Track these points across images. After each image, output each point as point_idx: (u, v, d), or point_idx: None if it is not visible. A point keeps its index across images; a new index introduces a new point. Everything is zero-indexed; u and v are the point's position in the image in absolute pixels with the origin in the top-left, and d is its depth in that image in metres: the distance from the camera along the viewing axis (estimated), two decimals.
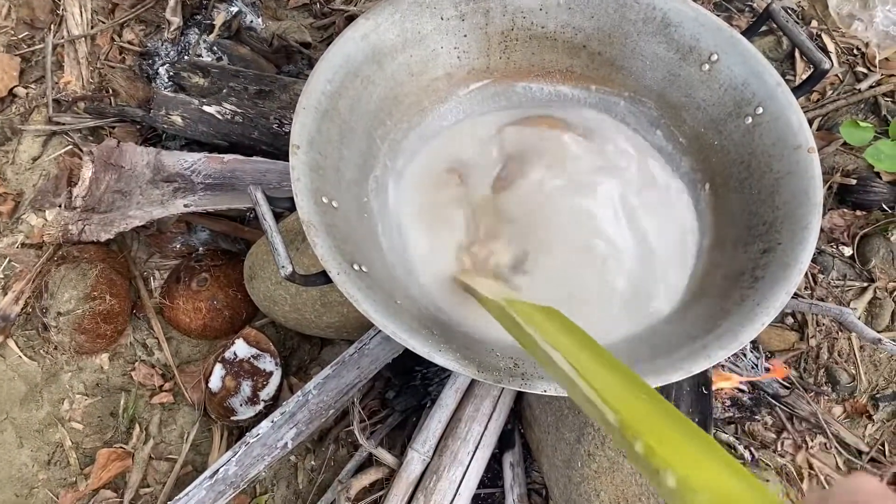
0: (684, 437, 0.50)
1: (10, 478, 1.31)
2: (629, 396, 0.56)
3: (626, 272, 1.05)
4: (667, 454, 0.47)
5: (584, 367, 0.61)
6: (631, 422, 0.52)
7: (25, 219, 1.51)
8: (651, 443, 0.48)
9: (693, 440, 0.50)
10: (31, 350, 1.40)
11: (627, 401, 0.55)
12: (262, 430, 1.16)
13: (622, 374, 0.61)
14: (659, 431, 0.50)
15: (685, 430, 0.51)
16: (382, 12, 1.09)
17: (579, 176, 1.13)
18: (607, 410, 0.55)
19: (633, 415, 0.53)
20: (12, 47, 1.68)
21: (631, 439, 0.50)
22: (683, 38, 1.12)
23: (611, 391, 0.57)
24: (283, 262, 0.87)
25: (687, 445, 0.49)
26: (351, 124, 1.08)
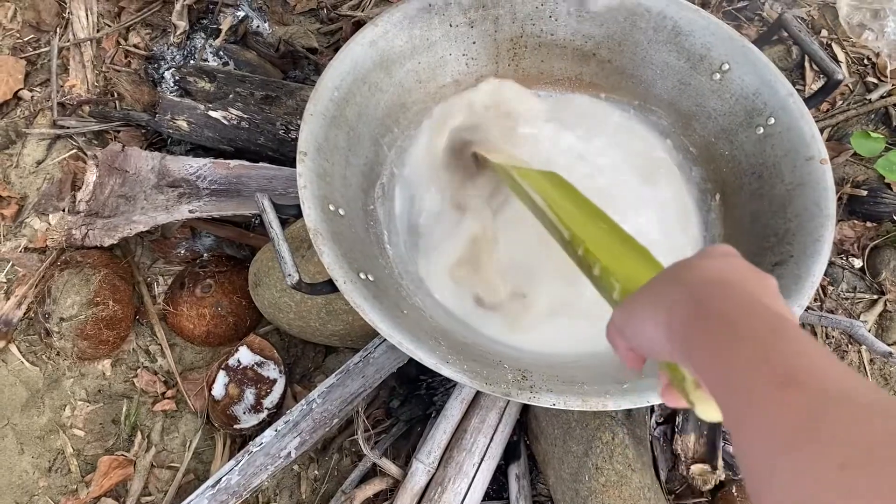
0: (612, 240, 0.70)
1: (10, 485, 1.29)
2: (586, 222, 0.76)
3: None
4: (596, 252, 0.68)
5: (556, 204, 0.82)
6: (578, 236, 0.73)
7: (29, 223, 1.50)
8: (588, 246, 0.70)
9: (619, 243, 0.69)
10: (32, 355, 1.39)
11: (582, 224, 0.75)
12: (266, 438, 1.15)
13: (588, 211, 0.80)
14: (594, 239, 0.71)
15: (618, 241, 0.70)
16: (391, 18, 1.08)
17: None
18: (564, 229, 0.76)
19: (579, 230, 0.74)
20: (18, 50, 1.68)
21: (576, 246, 0.72)
22: (694, 47, 1.11)
23: (570, 218, 0.77)
24: (290, 270, 0.86)
25: (611, 245, 0.69)
26: (358, 131, 1.07)
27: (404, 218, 1.14)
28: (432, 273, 1.08)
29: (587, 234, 0.72)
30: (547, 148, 1.16)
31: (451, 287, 1.06)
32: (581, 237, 0.72)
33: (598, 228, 0.74)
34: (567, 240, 0.75)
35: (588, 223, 0.75)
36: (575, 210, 0.80)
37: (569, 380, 0.86)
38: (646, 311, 0.48)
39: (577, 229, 0.74)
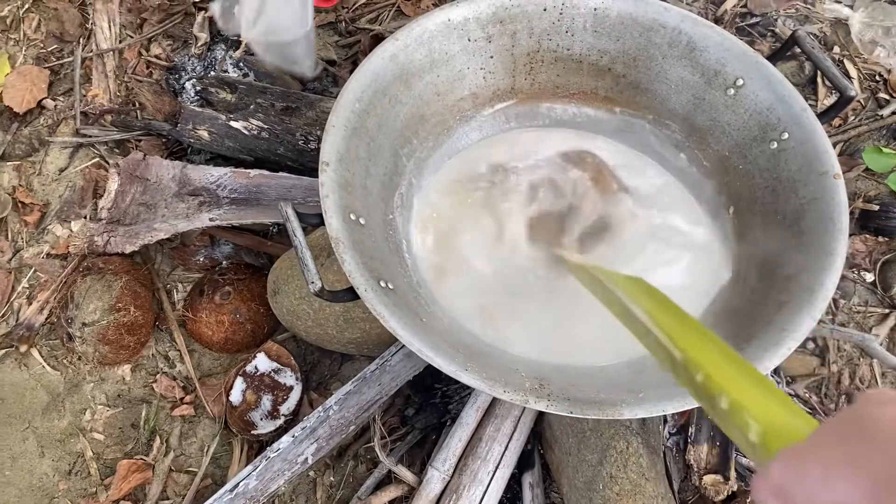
0: (739, 372, 0.58)
1: (30, 487, 1.32)
2: (696, 341, 0.64)
3: None
4: (722, 382, 0.55)
5: (659, 318, 0.71)
6: (695, 359, 0.60)
7: (51, 229, 1.53)
8: (709, 373, 0.57)
9: (747, 375, 0.57)
10: (53, 360, 1.41)
11: (694, 344, 0.63)
12: (283, 444, 1.17)
13: (692, 326, 0.69)
14: (716, 366, 0.58)
15: (741, 369, 0.59)
16: (411, 33, 1.10)
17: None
18: (675, 350, 0.64)
19: (697, 354, 0.61)
20: (42, 60, 1.71)
21: (693, 371, 0.59)
22: (709, 62, 1.12)
23: (680, 336, 0.65)
24: (313, 277, 0.88)
25: (739, 377, 0.57)
26: (378, 142, 1.09)
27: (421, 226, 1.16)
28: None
29: (705, 357, 0.61)
30: None
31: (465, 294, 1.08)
32: (699, 361, 0.60)
33: (712, 350, 0.63)
34: (679, 361, 0.63)
35: (699, 343, 0.64)
36: (679, 326, 0.69)
37: (586, 388, 0.87)
38: (830, 471, 0.41)
39: (693, 351, 0.62)
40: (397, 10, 1.77)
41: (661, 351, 0.67)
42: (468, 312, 1.06)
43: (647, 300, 0.77)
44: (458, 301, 1.07)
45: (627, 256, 1.11)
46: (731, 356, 0.61)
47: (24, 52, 1.72)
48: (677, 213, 1.17)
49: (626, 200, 1.17)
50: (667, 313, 0.73)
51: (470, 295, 1.08)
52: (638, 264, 1.10)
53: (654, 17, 1.13)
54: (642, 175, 1.21)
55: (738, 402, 0.53)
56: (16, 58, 1.71)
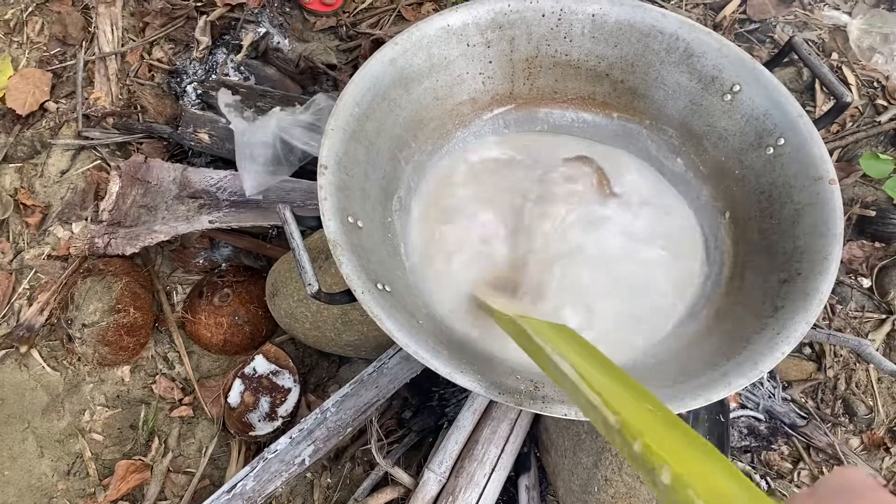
0: (681, 440, 0.53)
1: (29, 487, 1.32)
2: (631, 402, 0.59)
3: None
4: (663, 452, 0.49)
5: (589, 374, 0.64)
6: (631, 423, 0.54)
7: (52, 231, 1.54)
8: (648, 442, 0.51)
9: (690, 443, 0.52)
10: (53, 360, 1.42)
11: (628, 405, 0.58)
12: (281, 446, 1.17)
13: (625, 384, 0.64)
14: (656, 433, 0.53)
15: (683, 435, 0.54)
16: (411, 38, 1.11)
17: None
18: (609, 413, 0.57)
19: (633, 418, 0.55)
20: (45, 63, 1.72)
21: (630, 439, 0.53)
22: (706, 68, 1.13)
23: (613, 397, 0.59)
24: (311, 280, 0.88)
25: (682, 447, 0.51)
26: (377, 146, 1.09)
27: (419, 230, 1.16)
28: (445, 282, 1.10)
29: (642, 422, 0.55)
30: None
31: (462, 296, 1.09)
32: (635, 427, 0.54)
33: (650, 414, 0.58)
34: (613, 426, 0.57)
35: (635, 405, 0.59)
36: (611, 384, 0.63)
37: None
38: None
39: (627, 414, 0.56)
40: (398, 14, 1.77)
41: (593, 412, 0.60)
42: (456, 310, 1.07)
43: (573, 353, 0.70)
44: (444, 297, 1.08)
45: (611, 258, 1.11)
46: (674, 421, 0.56)
47: (28, 54, 1.73)
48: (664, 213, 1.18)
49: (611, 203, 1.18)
50: (597, 368, 0.67)
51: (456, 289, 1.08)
52: (622, 267, 1.11)
53: (651, 24, 1.14)
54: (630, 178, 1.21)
55: (682, 478, 0.47)
56: (19, 60, 1.72)
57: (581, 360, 0.68)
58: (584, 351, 0.72)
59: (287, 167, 1.35)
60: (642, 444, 0.51)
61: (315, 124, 1.34)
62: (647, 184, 1.20)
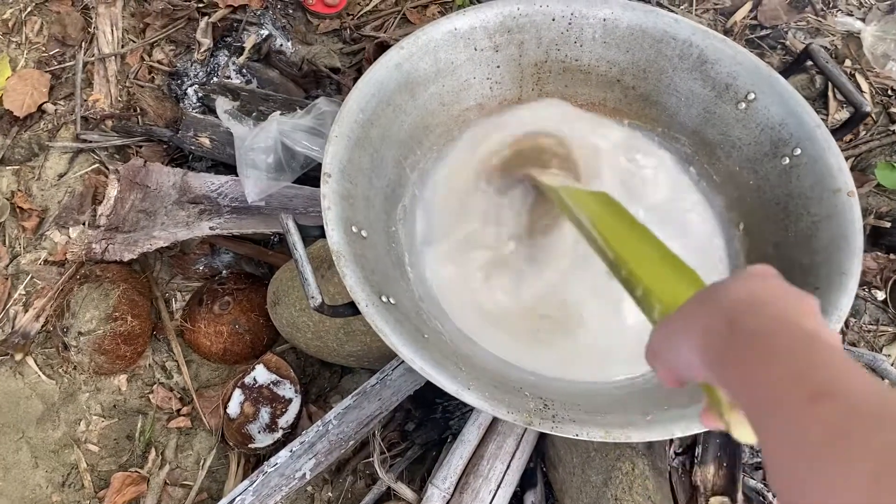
0: (658, 264, 0.69)
1: (23, 499, 1.29)
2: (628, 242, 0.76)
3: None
4: (640, 274, 0.67)
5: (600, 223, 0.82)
6: (621, 256, 0.73)
7: (49, 235, 1.51)
8: (632, 268, 0.69)
9: (663, 265, 0.69)
10: (49, 368, 1.39)
11: (624, 243, 0.76)
12: (281, 459, 1.14)
13: (630, 230, 0.80)
14: (639, 262, 0.70)
15: (660, 260, 0.70)
16: (417, 42, 1.09)
17: None
18: (608, 250, 0.77)
19: (624, 252, 0.74)
20: (43, 64, 1.69)
21: (621, 267, 0.72)
22: (720, 75, 1.10)
23: (614, 238, 0.78)
24: (313, 292, 0.86)
25: (656, 268, 0.68)
26: (382, 153, 1.07)
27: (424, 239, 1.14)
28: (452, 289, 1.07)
29: (632, 254, 0.72)
30: None
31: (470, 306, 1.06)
32: (625, 258, 0.72)
33: (643, 249, 0.73)
34: (612, 260, 0.75)
35: (634, 244, 0.75)
36: (622, 230, 0.79)
37: (592, 409, 0.85)
38: (679, 333, 0.48)
39: (622, 250, 0.74)
40: (403, 17, 1.75)
41: (601, 253, 0.79)
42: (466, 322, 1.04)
43: (599, 209, 0.87)
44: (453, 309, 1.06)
45: None
46: (660, 250, 0.72)
47: (26, 55, 1.70)
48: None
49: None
50: (614, 220, 0.83)
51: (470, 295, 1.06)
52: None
53: (664, 29, 1.12)
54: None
55: (649, 289, 0.64)
56: (17, 61, 1.69)
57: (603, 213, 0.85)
58: (609, 208, 0.87)
59: (290, 173, 1.32)
60: (627, 271, 0.70)
61: (317, 129, 1.31)
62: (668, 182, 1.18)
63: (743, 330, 0.42)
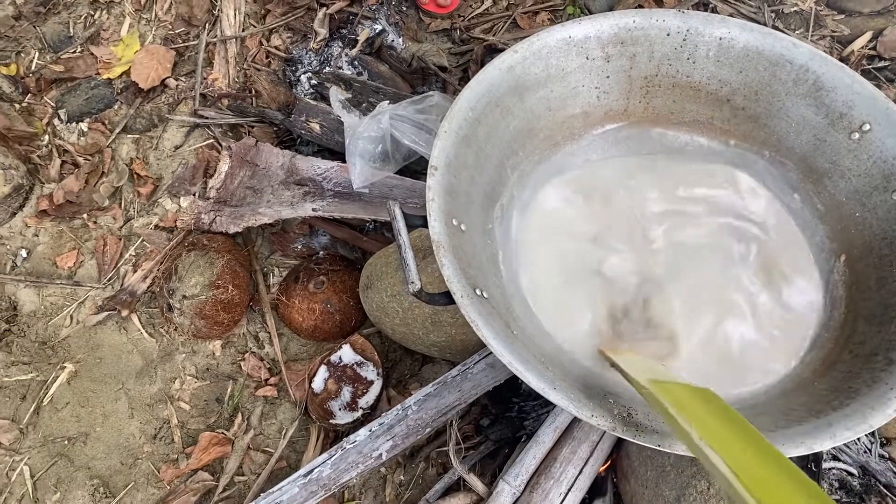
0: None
1: (118, 445, 1.38)
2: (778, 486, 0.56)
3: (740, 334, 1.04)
4: None
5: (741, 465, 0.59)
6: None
7: (161, 203, 1.60)
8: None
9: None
10: (151, 327, 1.48)
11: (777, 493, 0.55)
12: (360, 437, 1.18)
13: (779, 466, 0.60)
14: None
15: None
16: (531, 47, 1.11)
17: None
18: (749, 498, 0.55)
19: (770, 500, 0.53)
20: (169, 41, 1.79)
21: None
22: (835, 103, 1.08)
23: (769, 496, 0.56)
24: (413, 278, 0.89)
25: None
26: (486, 151, 1.09)
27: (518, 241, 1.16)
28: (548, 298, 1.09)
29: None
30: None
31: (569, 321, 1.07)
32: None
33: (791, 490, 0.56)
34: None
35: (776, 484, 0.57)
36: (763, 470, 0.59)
37: None
38: None
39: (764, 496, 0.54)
40: (513, 22, 1.77)
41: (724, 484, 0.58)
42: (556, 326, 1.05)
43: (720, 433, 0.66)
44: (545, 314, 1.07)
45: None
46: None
47: (154, 31, 1.81)
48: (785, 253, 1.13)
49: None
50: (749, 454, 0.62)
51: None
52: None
53: (781, 53, 1.10)
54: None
55: None
56: (146, 37, 1.80)
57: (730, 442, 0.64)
58: (732, 427, 0.67)
59: (393, 164, 1.36)
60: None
61: (423, 123, 1.35)
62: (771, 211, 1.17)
63: None
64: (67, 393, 1.43)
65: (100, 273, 1.54)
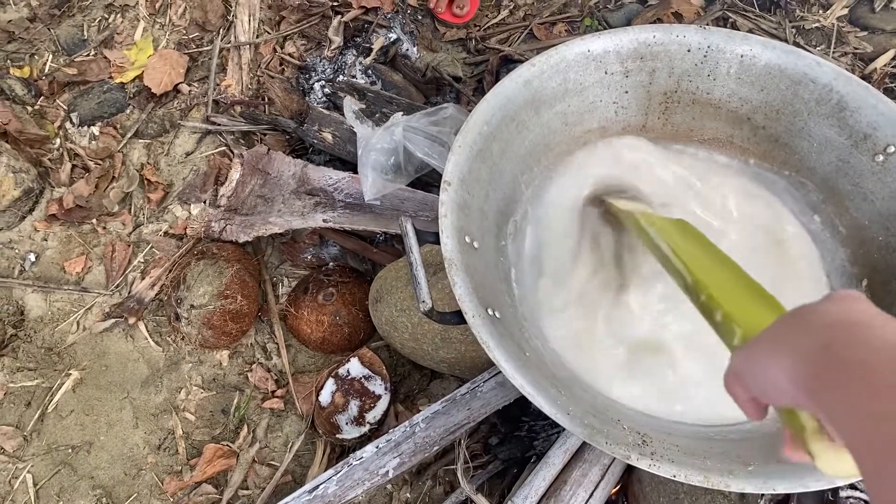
0: (735, 289, 0.67)
1: (121, 455, 1.36)
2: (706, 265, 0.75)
3: None
4: (719, 298, 0.66)
5: (679, 247, 0.81)
6: (700, 280, 0.72)
7: (171, 209, 1.59)
8: (711, 293, 0.68)
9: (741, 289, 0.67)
10: (158, 336, 1.46)
11: (702, 267, 0.74)
12: (367, 453, 1.17)
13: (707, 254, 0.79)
14: (717, 286, 0.69)
15: (738, 285, 0.68)
16: (549, 60, 1.09)
17: None
18: (686, 274, 0.75)
19: (703, 276, 0.72)
20: (182, 46, 1.78)
21: (699, 292, 0.71)
22: (859, 124, 1.06)
23: (692, 262, 0.76)
24: (424, 296, 0.87)
25: (734, 292, 0.66)
26: (500, 167, 1.08)
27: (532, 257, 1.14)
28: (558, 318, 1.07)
29: (711, 279, 0.71)
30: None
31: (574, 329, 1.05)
32: (704, 283, 0.71)
33: (722, 274, 0.72)
34: (690, 286, 0.74)
35: (713, 269, 0.74)
36: (701, 256, 0.79)
37: (689, 452, 0.83)
38: (767, 356, 0.47)
39: (701, 275, 0.73)
40: (529, 32, 1.75)
41: (678, 276, 0.78)
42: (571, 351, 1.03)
43: (677, 236, 0.86)
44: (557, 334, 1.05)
45: None
46: (739, 275, 0.70)
47: (168, 36, 1.80)
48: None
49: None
50: (693, 245, 0.82)
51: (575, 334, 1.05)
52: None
53: (804, 71, 1.08)
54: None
55: (728, 314, 0.62)
56: (159, 41, 1.79)
57: (681, 239, 0.84)
58: (687, 234, 0.86)
59: (405, 176, 1.35)
60: (706, 296, 0.69)
61: (437, 136, 1.34)
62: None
63: (844, 356, 0.40)
64: (72, 400, 1.42)
65: (108, 279, 1.52)
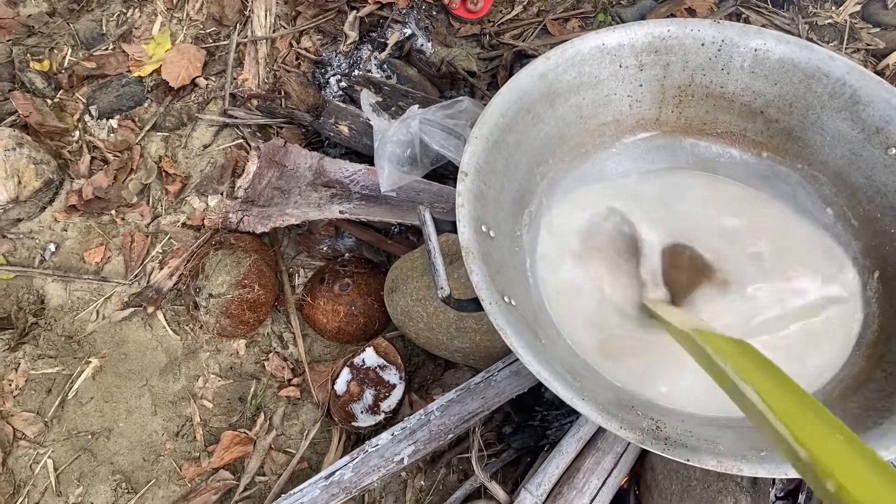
0: (877, 477, 0.51)
1: (140, 442, 1.39)
2: (822, 434, 0.56)
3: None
4: (858, 494, 0.48)
5: (777, 402, 0.61)
6: (823, 460, 0.53)
7: (189, 201, 1.61)
8: (842, 481, 0.50)
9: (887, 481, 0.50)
10: (176, 325, 1.49)
11: (820, 439, 0.55)
12: (382, 441, 1.18)
13: (813, 410, 0.60)
14: (849, 470, 0.51)
15: (877, 470, 0.52)
16: (564, 54, 1.10)
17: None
18: (798, 447, 0.56)
19: (826, 453, 0.53)
20: (200, 40, 1.80)
21: (822, 477, 0.52)
22: (872, 118, 1.07)
23: (801, 427, 0.57)
24: (442, 283, 0.89)
25: (879, 487, 0.50)
26: (516, 158, 1.09)
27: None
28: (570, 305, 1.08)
29: (834, 457, 0.53)
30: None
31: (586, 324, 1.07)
32: (828, 465, 0.52)
33: (839, 443, 0.55)
34: (804, 461, 0.55)
35: (826, 436, 0.56)
36: (800, 412, 0.60)
37: (703, 437, 0.85)
38: None
39: (819, 449, 0.54)
40: (543, 28, 1.77)
41: (782, 444, 0.58)
42: (586, 342, 1.05)
43: (757, 374, 0.68)
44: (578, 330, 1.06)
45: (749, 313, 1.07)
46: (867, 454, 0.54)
47: (185, 31, 1.82)
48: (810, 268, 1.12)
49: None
50: (782, 392, 0.64)
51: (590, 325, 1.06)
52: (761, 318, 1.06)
53: (817, 66, 1.09)
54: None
55: (841, 485, 0.49)
56: (177, 35, 1.81)
57: (765, 383, 0.66)
58: (767, 373, 0.68)
59: (421, 168, 1.37)
60: (835, 484, 0.50)
61: (453, 128, 1.35)
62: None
63: None
64: (92, 388, 1.44)
65: (126, 269, 1.55)
